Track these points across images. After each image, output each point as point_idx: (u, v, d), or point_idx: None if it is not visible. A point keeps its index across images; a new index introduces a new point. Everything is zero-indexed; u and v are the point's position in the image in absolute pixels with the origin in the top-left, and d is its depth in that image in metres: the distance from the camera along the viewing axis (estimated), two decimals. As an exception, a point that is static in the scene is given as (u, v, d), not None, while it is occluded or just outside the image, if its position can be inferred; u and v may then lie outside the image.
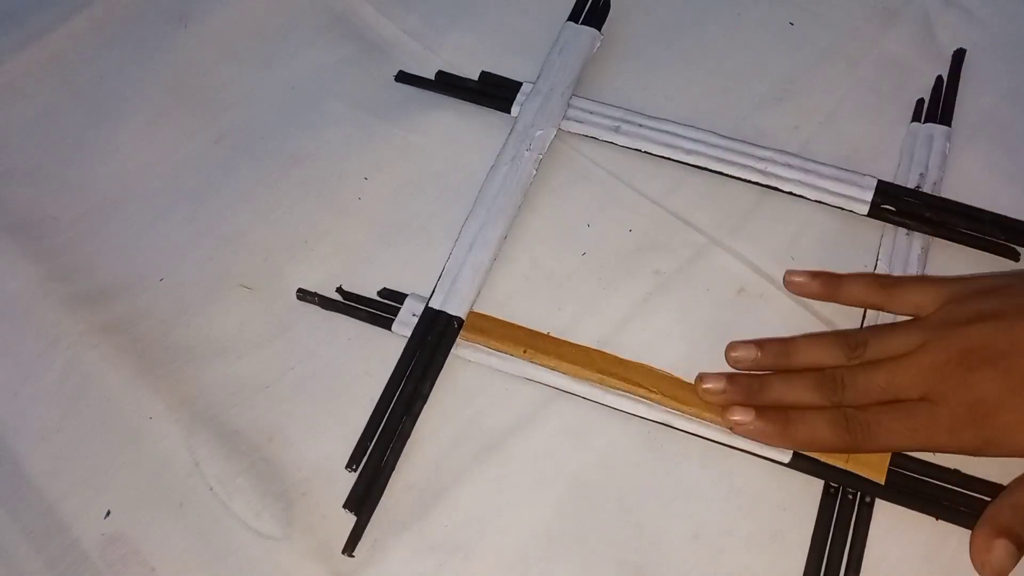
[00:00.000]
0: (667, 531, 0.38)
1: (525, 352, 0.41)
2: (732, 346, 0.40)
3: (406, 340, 0.41)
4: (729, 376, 0.38)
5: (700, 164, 0.45)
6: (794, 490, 0.38)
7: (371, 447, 0.39)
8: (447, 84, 0.49)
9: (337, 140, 0.48)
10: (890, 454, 0.37)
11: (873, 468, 0.37)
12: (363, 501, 0.38)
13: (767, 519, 0.38)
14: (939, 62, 0.48)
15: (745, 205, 0.45)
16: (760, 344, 0.39)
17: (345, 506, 0.37)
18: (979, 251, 0.43)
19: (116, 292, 0.44)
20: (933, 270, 0.42)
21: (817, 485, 0.38)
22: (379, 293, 0.43)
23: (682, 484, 0.38)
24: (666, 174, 0.46)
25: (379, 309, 0.42)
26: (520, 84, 0.48)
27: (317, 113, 0.49)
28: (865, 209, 0.43)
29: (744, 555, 0.37)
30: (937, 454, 0.38)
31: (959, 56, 0.48)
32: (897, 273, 0.42)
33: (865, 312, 0.41)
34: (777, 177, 0.44)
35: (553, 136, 0.46)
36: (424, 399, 0.40)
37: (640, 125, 0.46)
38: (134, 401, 0.41)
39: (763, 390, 0.38)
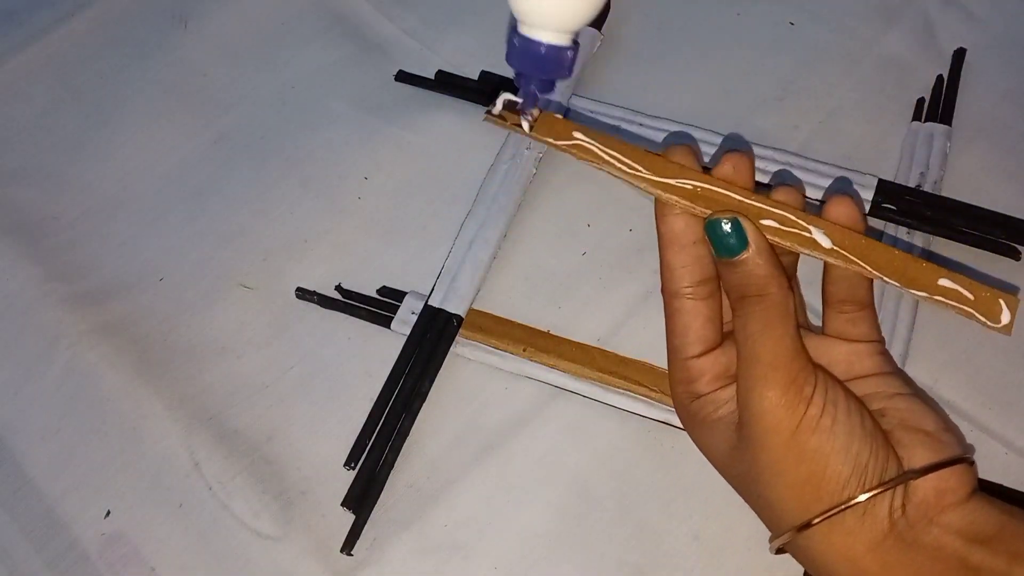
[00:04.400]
0: (667, 531, 0.37)
1: (525, 350, 0.41)
2: None
3: (405, 338, 0.41)
4: None
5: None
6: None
7: (370, 445, 0.39)
8: (447, 84, 0.49)
9: (337, 140, 0.48)
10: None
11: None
12: (362, 499, 0.38)
13: (768, 518, 0.37)
14: (939, 61, 0.48)
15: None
16: None
17: (343, 504, 0.37)
18: (980, 250, 0.43)
19: (116, 292, 0.44)
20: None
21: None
22: (378, 291, 0.43)
23: (682, 484, 0.38)
24: (666, 173, 0.46)
25: (378, 307, 0.42)
26: (520, 83, 0.48)
27: (317, 113, 0.49)
28: (866, 208, 0.43)
29: (744, 555, 0.37)
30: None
31: (959, 55, 0.48)
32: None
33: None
34: (778, 176, 0.44)
35: (553, 135, 0.46)
36: (423, 397, 0.40)
37: (640, 124, 0.46)
38: (134, 401, 0.41)
39: None
